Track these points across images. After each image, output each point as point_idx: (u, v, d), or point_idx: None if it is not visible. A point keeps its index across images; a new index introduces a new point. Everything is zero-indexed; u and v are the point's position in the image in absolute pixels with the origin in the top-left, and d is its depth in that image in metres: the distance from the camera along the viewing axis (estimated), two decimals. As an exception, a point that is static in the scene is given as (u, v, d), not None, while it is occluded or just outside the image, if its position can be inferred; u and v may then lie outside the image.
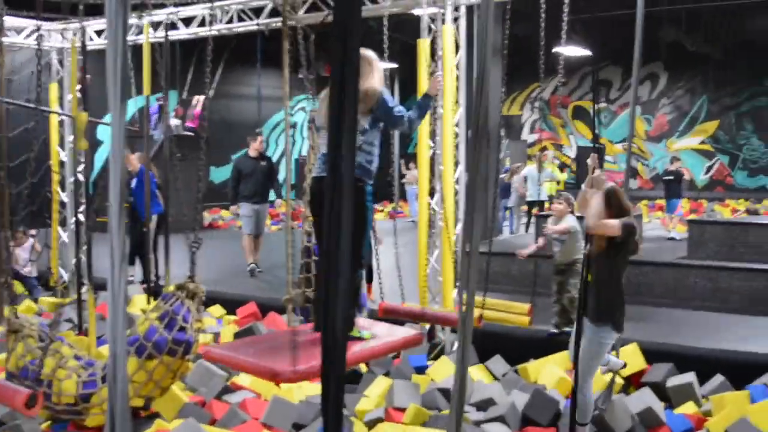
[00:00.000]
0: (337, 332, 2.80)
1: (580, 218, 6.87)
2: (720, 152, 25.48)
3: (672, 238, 13.82)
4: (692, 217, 14.93)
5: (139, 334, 5.39)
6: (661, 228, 16.59)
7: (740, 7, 19.57)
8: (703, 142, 25.73)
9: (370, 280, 8.58)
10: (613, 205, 5.42)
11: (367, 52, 5.02)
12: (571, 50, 21.48)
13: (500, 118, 13.69)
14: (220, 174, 24.68)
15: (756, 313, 9.01)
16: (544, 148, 27.69)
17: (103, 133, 18.97)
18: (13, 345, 5.80)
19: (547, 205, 13.96)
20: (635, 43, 6.04)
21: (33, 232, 11.13)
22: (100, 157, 17.79)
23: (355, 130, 2.76)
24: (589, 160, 6.11)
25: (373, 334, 5.20)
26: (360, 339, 4.96)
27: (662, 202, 15.88)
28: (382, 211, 22.01)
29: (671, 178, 15.44)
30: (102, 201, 14.11)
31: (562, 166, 26.28)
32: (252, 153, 11.95)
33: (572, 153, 27.85)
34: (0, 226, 6.99)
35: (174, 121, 16.74)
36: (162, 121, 15.44)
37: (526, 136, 28.49)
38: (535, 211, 15.53)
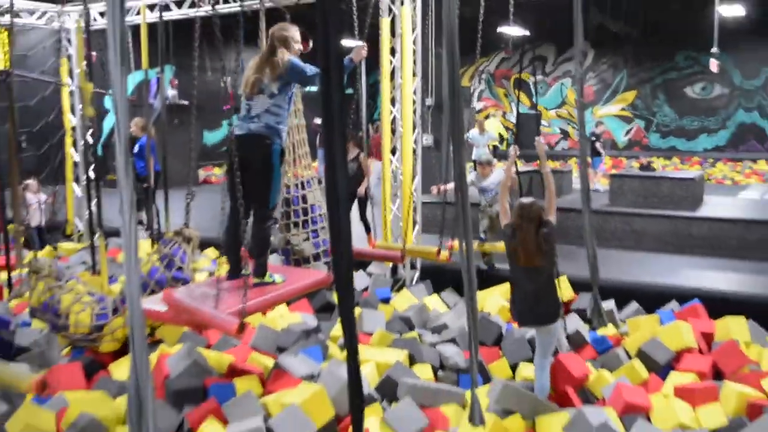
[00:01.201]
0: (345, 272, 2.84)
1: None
2: (637, 118, 25.61)
3: (596, 190, 13.92)
4: (613, 171, 15.02)
5: (143, 273, 5.36)
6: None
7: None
8: (623, 109, 25.84)
9: (368, 231, 8.55)
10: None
11: (285, 25, 4.92)
12: (512, 30, 21.42)
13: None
14: (212, 137, 24.40)
15: (665, 252, 9.16)
16: (488, 115, 27.76)
17: (110, 102, 18.67)
18: (35, 284, 5.74)
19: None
20: (575, 27, 5.91)
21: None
22: (107, 124, 17.52)
23: (345, 108, 2.74)
24: (511, 149, 6.03)
25: (285, 278, 5.02)
26: (272, 283, 4.83)
27: (588, 159, 15.92)
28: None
29: (595, 139, 15.50)
30: (110, 161, 13.90)
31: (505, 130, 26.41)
32: None
33: (513, 119, 27.90)
34: (13, 182, 6.87)
35: (170, 92, 16.44)
36: (159, 92, 15.20)
37: (475, 104, 28.43)
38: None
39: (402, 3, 7.64)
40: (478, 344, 3.84)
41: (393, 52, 7.82)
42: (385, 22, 7.70)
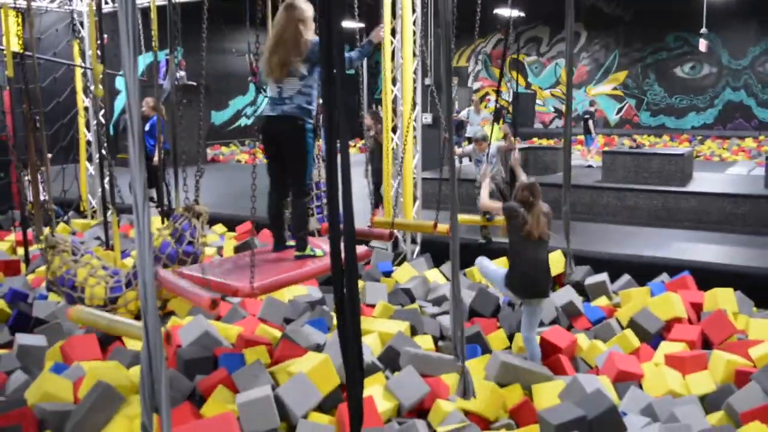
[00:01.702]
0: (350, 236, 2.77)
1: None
2: (629, 96, 25.48)
3: (590, 166, 13.86)
4: (606, 148, 14.96)
5: (155, 247, 5.32)
6: (580, 158, 16.63)
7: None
8: (615, 89, 25.69)
9: (377, 206, 8.52)
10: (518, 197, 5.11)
11: (303, 6, 4.69)
12: (507, 11, 21.23)
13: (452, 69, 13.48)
14: (220, 116, 24.30)
15: (655, 226, 9.14)
16: (486, 95, 27.60)
17: (121, 83, 18.53)
18: (51, 258, 5.71)
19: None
20: (567, 10, 5.84)
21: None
22: (119, 104, 17.40)
23: (342, 77, 2.66)
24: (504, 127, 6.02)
25: (325, 251, 4.98)
26: (313, 256, 4.81)
27: (581, 137, 15.84)
28: (354, 146, 21.80)
29: (588, 117, 15.41)
30: (122, 140, 13.81)
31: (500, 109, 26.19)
32: None
33: (509, 97, 27.73)
34: (32, 161, 6.81)
35: (179, 73, 16.29)
36: (169, 73, 15.07)
37: (472, 83, 28.25)
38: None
39: (403, -15, 7.54)
40: (463, 321, 3.81)
41: (394, 32, 7.72)
42: (386, 4, 7.59)
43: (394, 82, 7.80)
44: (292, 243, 4.95)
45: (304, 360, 4.66)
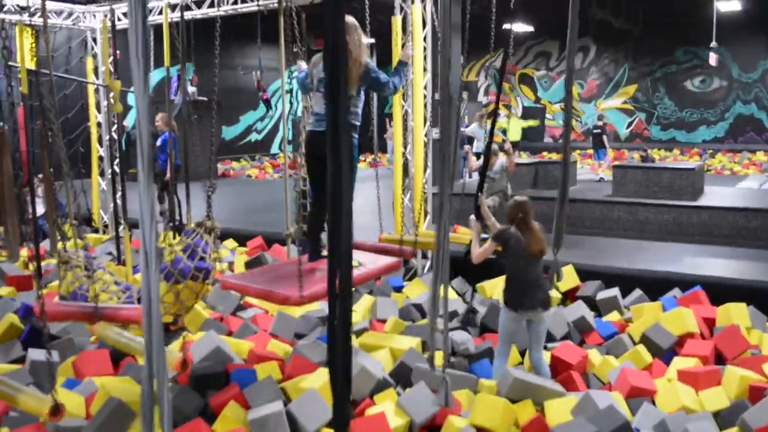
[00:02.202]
0: (344, 259, 2.77)
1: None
2: (638, 110, 25.43)
3: (601, 179, 13.84)
4: (617, 163, 14.94)
5: (167, 263, 5.34)
6: (591, 172, 16.61)
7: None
8: (625, 102, 25.67)
9: None
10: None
11: (353, 22, 4.84)
12: (516, 26, 21.29)
13: (462, 84, 13.51)
14: (231, 132, 24.42)
15: (667, 240, 9.09)
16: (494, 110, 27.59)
17: (131, 99, 18.65)
18: (64, 273, 5.74)
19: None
20: (569, 22, 5.86)
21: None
22: (130, 119, 17.53)
23: (346, 94, 2.69)
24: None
25: (360, 262, 5.19)
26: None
27: (591, 151, 15.83)
28: (364, 161, 21.88)
29: (599, 131, 15.40)
30: (133, 155, 13.80)
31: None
32: None
33: (519, 112, 27.79)
34: (46, 177, 6.87)
35: (190, 89, 16.41)
36: (180, 88, 15.16)
37: (481, 98, 28.30)
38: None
39: (413, 2, 7.57)
40: (446, 333, 3.82)
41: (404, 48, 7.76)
42: (396, 20, 7.63)
43: (404, 97, 7.83)
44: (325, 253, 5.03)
45: (316, 376, 4.66)
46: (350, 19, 4.82)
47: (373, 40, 4.88)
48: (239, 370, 4.88)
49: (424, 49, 7.79)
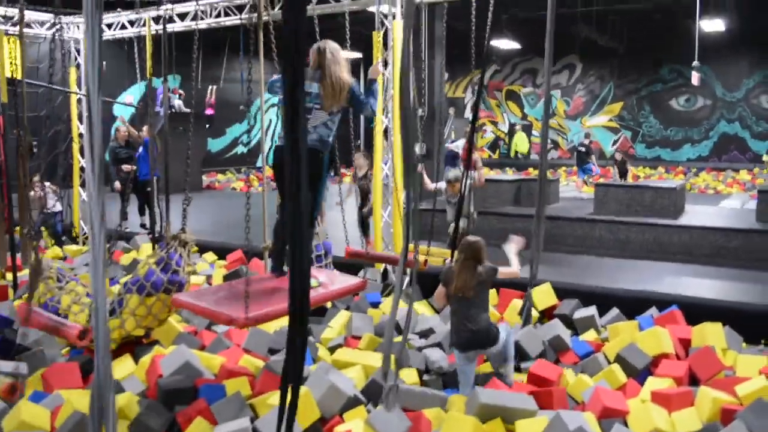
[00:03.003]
0: (303, 276, 2.75)
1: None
2: (624, 128, 25.61)
3: (581, 199, 13.88)
4: (600, 181, 15.00)
5: (140, 275, 5.29)
6: (575, 190, 16.66)
7: (641, 10, 19.58)
8: (610, 120, 25.84)
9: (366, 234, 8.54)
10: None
11: (334, 45, 4.84)
12: (504, 43, 21.39)
13: (445, 98, 13.54)
14: (216, 144, 24.36)
15: (648, 259, 9.11)
16: (483, 125, 27.72)
17: (118, 109, 18.57)
18: (36, 284, 5.68)
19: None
20: (546, 41, 5.91)
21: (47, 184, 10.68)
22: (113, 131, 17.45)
23: (303, 111, 2.66)
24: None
25: (320, 282, 5.02)
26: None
27: (576, 168, 15.91)
28: (347, 175, 21.80)
29: (583, 150, 15.47)
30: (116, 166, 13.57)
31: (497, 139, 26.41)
32: None
33: (506, 128, 27.91)
34: (23, 185, 6.82)
35: (176, 101, 16.38)
36: (163, 101, 15.13)
37: (468, 114, 28.41)
38: None
39: (394, 17, 7.59)
40: (403, 346, 3.80)
41: (386, 63, 7.76)
42: (376, 36, 7.64)
43: (385, 112, 7.82)
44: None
45: (285, 392, 4.60)
46: (330, 43, 4.81)
47: (359, 55, 4.81)
48: (208, 385, 4.81)
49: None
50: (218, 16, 9.13)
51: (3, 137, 7.80)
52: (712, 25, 17.71)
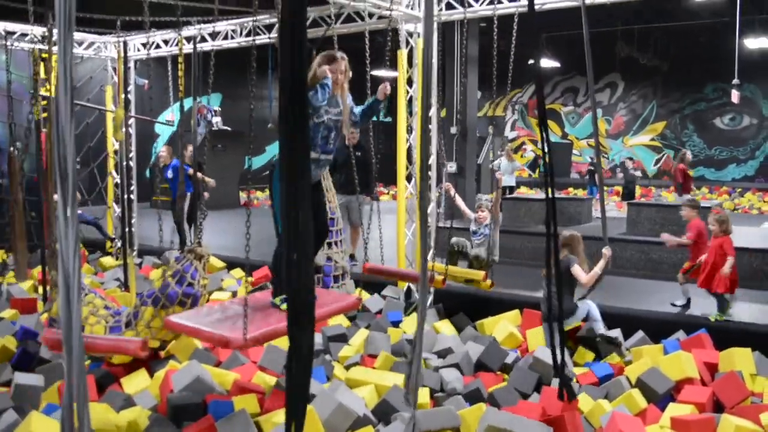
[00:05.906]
0: (305, 298, 2.69)
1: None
2: (667, 147, 25.11)
3: (613, 218, 13.56)
4: (643, 200, 14.66)
5: (155, 288, 5.32)
6: (616, 210, 16.36)
7: (684, 27, 19.26)
8: (653, 139, 25.38)
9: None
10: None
11: (342, 54, 4.72)
12: (544, 62, 21.23)
13: (476, 117, 13.45)
14: (256, 162, 24.55)
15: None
16: (522, 144, 27.49)
17: (159, 127, 18.90)
18: (54, 296, 5.75)
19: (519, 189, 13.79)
20: (586, 60, 5.82)
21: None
22: (157, 147, 17.77)
23: (307, 132, 2.61)
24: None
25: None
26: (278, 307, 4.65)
27: (619, 188, 15.63)
28: (387, 193, 21.83)
29: (592, 168, 15.21)
30: (156, 183, 13.95)
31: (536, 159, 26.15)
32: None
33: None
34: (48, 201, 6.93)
35: (215, 119, 16.59)
36: (204, 119, 15.34)
37: (508, 132, 28.22)
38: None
39: (419, 36, 7.56)
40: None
41: (410, 82, 7.73)
42: (401, 54, 7.62)
43: (409, 130, 7.78)
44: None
45: (292, 410, 4.54)
46: (338, 53, 4.74)
47: (386, 82, 4.70)
48: (217, 401, 4.78)
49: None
50: (248, 35, 9.22)
51: (44, 154, 7.95)
52: (758, 42, 17.31)
